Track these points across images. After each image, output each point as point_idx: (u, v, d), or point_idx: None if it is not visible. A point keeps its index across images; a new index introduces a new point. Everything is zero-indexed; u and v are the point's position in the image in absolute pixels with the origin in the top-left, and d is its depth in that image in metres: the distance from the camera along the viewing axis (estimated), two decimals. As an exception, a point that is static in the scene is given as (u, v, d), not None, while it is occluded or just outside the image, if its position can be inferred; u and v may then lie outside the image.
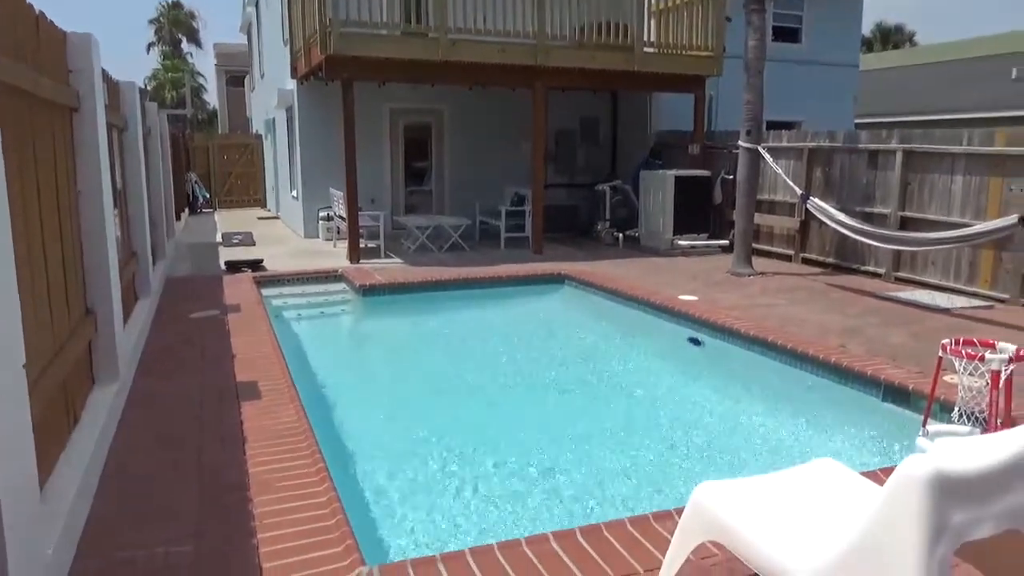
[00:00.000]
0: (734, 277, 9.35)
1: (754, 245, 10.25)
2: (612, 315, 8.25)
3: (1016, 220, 6.81)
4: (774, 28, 15.34)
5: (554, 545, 3.13)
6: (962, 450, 2.31)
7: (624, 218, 12.53)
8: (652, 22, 11.73)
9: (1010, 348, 4.23)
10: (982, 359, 4.19)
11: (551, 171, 13.29)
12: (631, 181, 12.74)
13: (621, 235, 12.18)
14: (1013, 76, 20.78)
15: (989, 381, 4.20)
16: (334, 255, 10.90)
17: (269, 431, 4.22)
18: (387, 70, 10.51)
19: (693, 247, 11.34)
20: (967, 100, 19.98)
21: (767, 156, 9.58)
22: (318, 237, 12.68)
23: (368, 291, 8.62)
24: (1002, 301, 7.94)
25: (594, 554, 3.07)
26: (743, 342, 6.48)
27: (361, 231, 10.65)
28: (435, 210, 13.48)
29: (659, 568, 2.89)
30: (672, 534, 2.88)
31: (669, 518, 3.32)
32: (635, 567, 2.99)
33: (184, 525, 3.24)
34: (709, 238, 11.50)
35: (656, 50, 11.61)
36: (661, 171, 11.79)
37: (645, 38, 11.54)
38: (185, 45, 44.08)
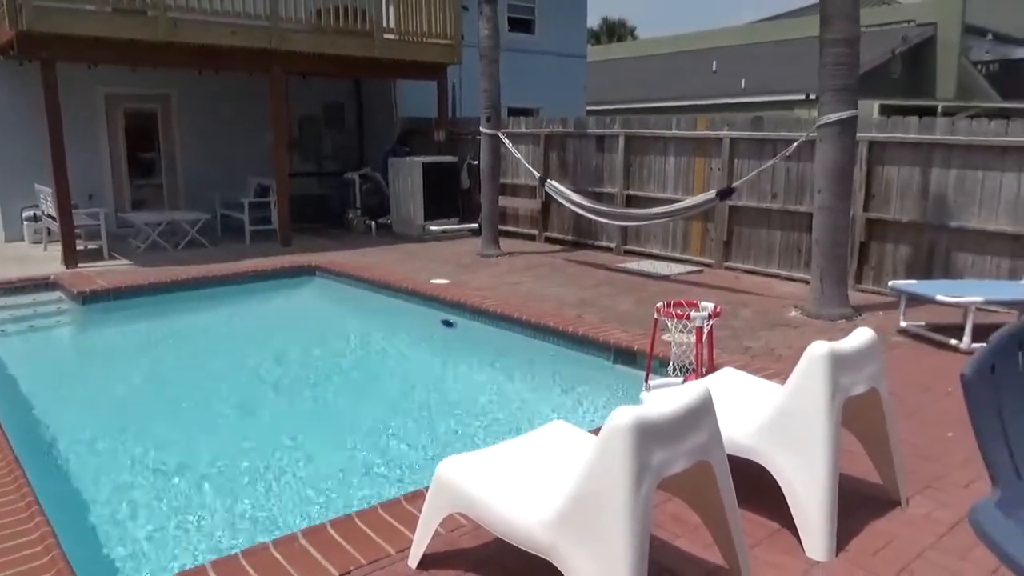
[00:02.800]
0: (483, 259, 9.73)
1: (501, 227, 10.73)
2: (366, 304, 8.19)
3: (715, 195, 7.82)
4: (509, 19, 16.06)
5: (303, 543, 3.05)
6: (659, 399, 2.63)
7: (376, 206, 12.46)
8: (391, 8, 11.72)
9: (709, 306, 4.86)
10: (688, 317, 4.77)
11: (296, 159, 12.81)
12: (381, 168, 12.68)
13: (374, 223, 12.10)
14: (713, 69, 23.73)
15: (694, 336, 4.81)
16: (45, 260, 9.58)
17: (-39, 468, 3.63)
18: (97, 51, 9.40)
19: (445, 232, 11.60)
20: (679, 89, 22.49)
21: (507, 142, 10.05)
22: (24, 240, 11.07)
23: (89, 298, 7.69)
24: (709, 266, 9.11)
25: (345, 544, 3.04)
26: (492, 320, 6.77)
27: (78, 231, 9.48)
28: (168, 205, 12.37)
29: (411, 547, 2.94)
30: (423, 513, 2.94)
31: (421, 497, 3.38)
32: (387, 550, 3.01)
33: None
34: (459, 222, 11.83)
35: (397, 37, 11.63)
36: (409, 158, 11.88)
37: (385, 24, 11.51)
38: None
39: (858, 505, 3.30)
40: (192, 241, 10.52)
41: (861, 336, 3.23)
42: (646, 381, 4.97)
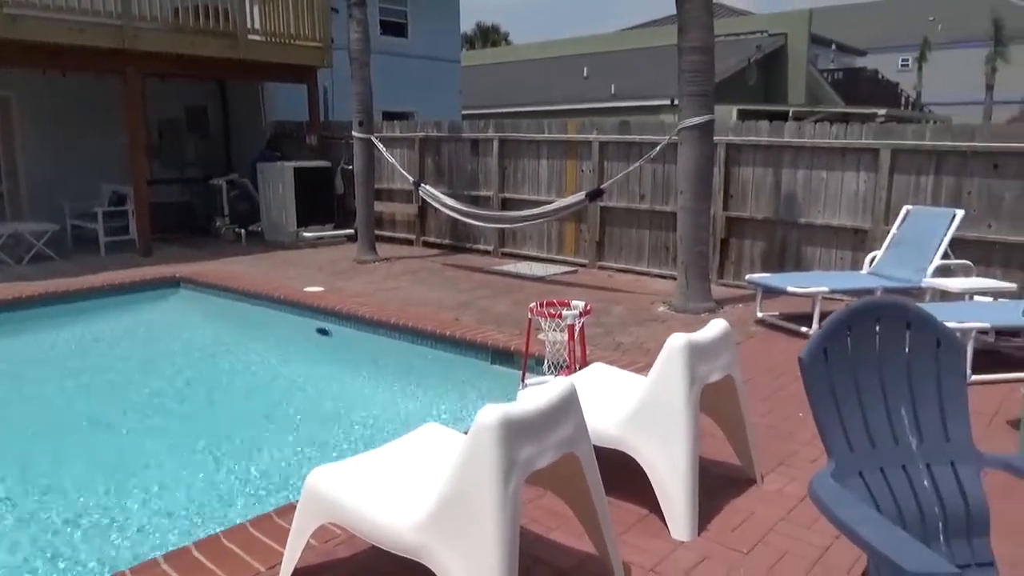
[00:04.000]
0: (360, 265, 9.57)
1: (378, 232, 10.60)
2: (236, 315, 7.86)
3: (584, 196, 8.05)
4: (381, 22, 15.90)
5: (165, 567, 2.89)
6: (526, 396, 2.68)
7: (245, 213, 11.98)
8: (255, 9, 11.32)
9: (580, 304, 5.00)
10: (560, 316, 4.88)
11: (157, 166, 12.13)
12: (250, 174, 12.21)
13: (243, 231, 11.63)
14: (585, 74, 24.41)
15: (567, 334, 4.93)
16: None
17: None
18: (-81, 47, 8.55)
19: (320, 238, 11.32)
20: (551, 94, 22.98)
21: (380, 146, 9.93)
22: None
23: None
24: (584, 265, 9.37)
25: (211, 565, 2.91)
26: (369, 326, 6.67)
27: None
28: (10, 215, 11.36)
29: (281, 563, 2.85)
30: (294, 526, 2.85)
31: (294, 510, 3.28)
32: (256, 567, 2.90)
33: None
34: (335, 228, 11.58)
35: (263, 38, 11.24)
36: (279, 163, 11.51)
37: (250, 25, 11.10)
38: None
39: (719, 486, 3.49)
40: (39, 255, 9.73)
41: (716, 327, 3.43)
42: (522, 380, 5.05)
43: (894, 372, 2.43)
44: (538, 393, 2.58)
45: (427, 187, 9.45)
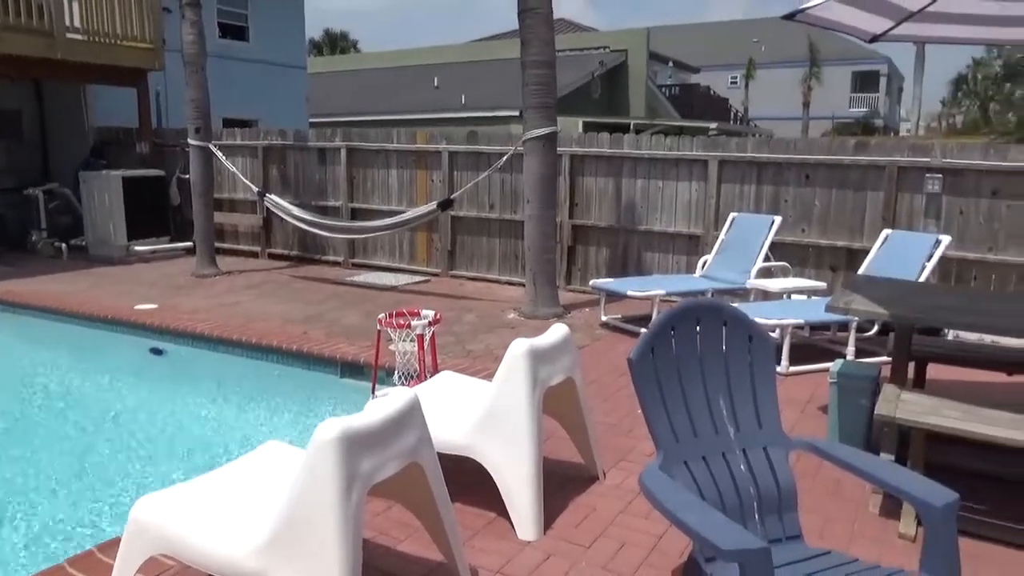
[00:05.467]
0: (199, 279, 9.07)
1: (219, 244, 10.10)
2: (57, 337, 7.19)
3: (435, 206, 8.07)
4: (220, 24, 15.20)
5: (-35, 621, 2.60)
6: (369, 408, 2.65)
7: (67, 226, 11.01)
8: (76, 5, 10.46)
9: (430, 314, 5.00)
10: (410, 326, 4.87)
11: (-40, 175, 10.92)
12: (72, 183, 11.24)
13: (64, 245, 10.68)
14: (435, 84, 24.50)
15: (417, 344, 4.91)
16: None
17: None
18: None
19: (154, 252, 10.62)
20: (402, 103, 22.87)
21: (219, 154, 9.47)
22: None
23: None
24: (436, 275, 9.39)
25: (22, 614, 2.64)
26: (209, 344, 6.33)
27: None
28: None
29: (104, 602, 2.64)
30: (118, 562, 2.65)
31: (118, 545, 3.05)
32: (75, 611, 2.67)
33: None
34: (171, 241, 10.90)
35: (84, 37, 10.41)
36: (106, 172, 10.68)
37: (69, 23, 10.25)
38: None
39: (563, 484, 3.60)
40: None
41: (556, 332, 3.54)
42: (373, 392, 4.99)
43: (713, 367, 2.62)
44: (380, 404, 2.56)
45: (272, 197, 9.11)
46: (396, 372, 5.02)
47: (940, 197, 6.91)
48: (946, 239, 6.01)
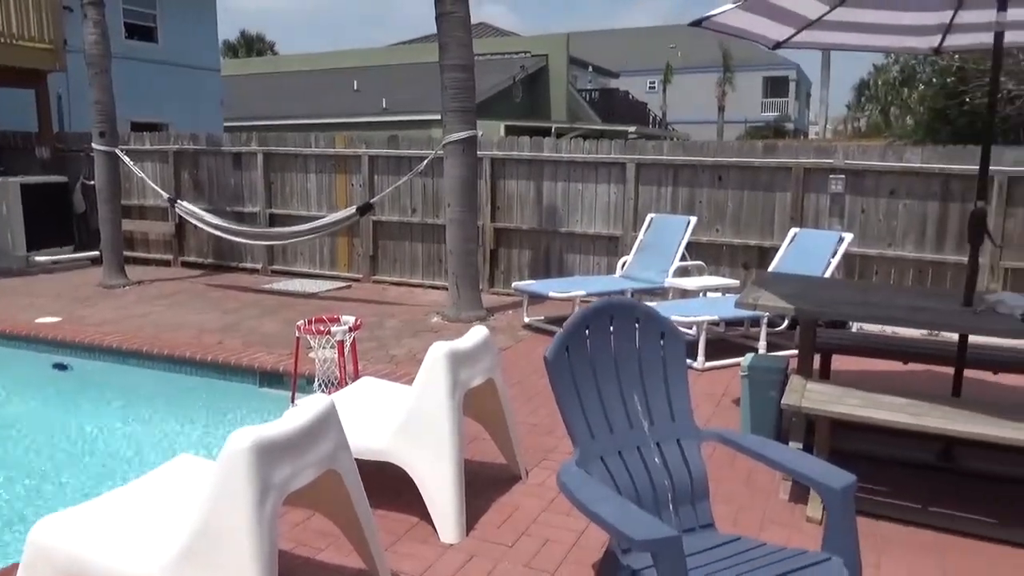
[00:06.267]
0: (106, 290, 8.67)
1: (129, 253, 9.69)
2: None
3: (354, 210, 7.96)
4: (127, 24, 14.63)
5: None
6: (286, 415, 2.60)
7: (-39, 236, 10.37)
8: (-35, 2, 9.89)
9: (350, 320, 4.94)
10: (329, 333, 4.79)
11: None
12: (-35, 191, 10.58)
13: (-42, 257, 10.07)
14: (355, 87, 24.20)
15: (337, 350, 4.84)
16: None
17: None
18: None
19: (56, 263, 10.10)
20: (321, 106, 22.48)
21: (126, 159, 9.09)
22: None
23: None
24: (358, 280, 9.27)
25: (-92, 649, 2.48)
26: (117, 357, 6.07)
27: None
28: None
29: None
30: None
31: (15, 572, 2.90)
32: (-31, 643, 2.52)
33: None
34: (75, 250, 10.40)
35: (-25, 36, 9.85)
36: (2, 179, 10.10)
37: (-42, 20, 9.67)
38: None
39: (486, 485, 3.62)
40: None
41: (476, 335, 3.56)
42: (292, 401, 4.88)
43: (628, 364, 2.68)
44: (294, 412, 2.51)
45: (184, 204, 8.81)
46: (316, 380, 4.93)
47: (843, 197, 7.26)
48: (848, 236, 6.32)
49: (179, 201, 8.87)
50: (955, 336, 4.00)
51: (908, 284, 7.03)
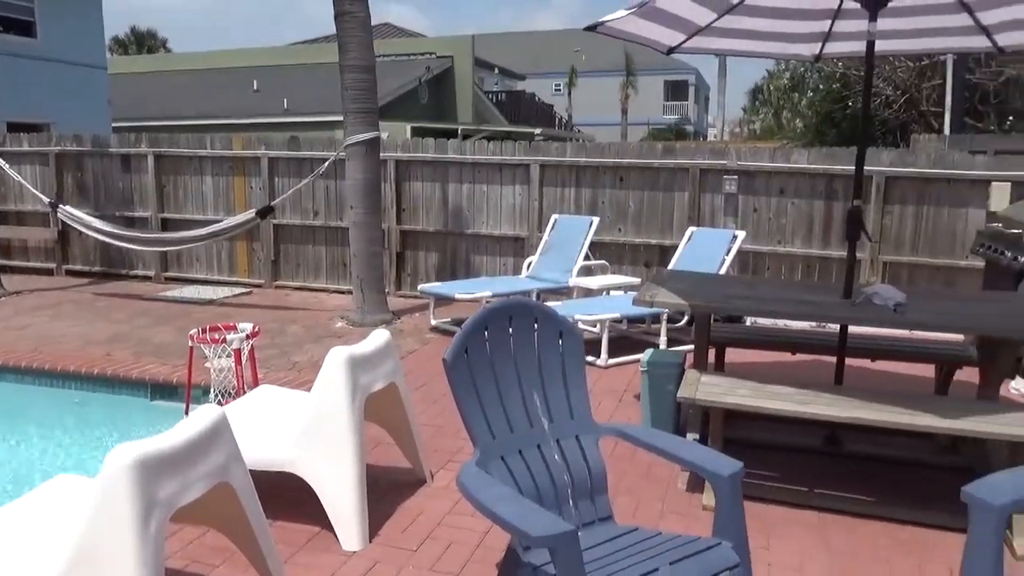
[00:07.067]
0: (-20, 302, 8.09)
1: (5, 262, 9.08)
2: None
3: (253, 214, 7.71)
4: (4, 19, 13.71)
5: None
6: (172, 430, 2.48)
7: None
8: None
9: (248, 327, 4.77)
10: (225, 341, 4.62)
11: None
12: None
13: None
14: (255, 87, 23.44)
15: (234, 359, 4.67)
16: None
17: None
18: None
19: (-75, 273, 9.33)
20: (218, 106, 21.66)
21: (1, 162, 8.50)
22: None
23: None
24: (259, 286, 8.98)
25: None
26: (-8, 372, 5.66)
27: None
28: None
29: None
30: None
31: None
32: None
33: None
34: (-54, 260, 9.65)
35: None
36: None
37: None
38: None
39: (390, 490, 3.57)
40: None
41: (377, 338, 3.51)
42: (186, 413, 4.68)
43: (527, 363, 2.70)
44: (182, 425, 2.41)
45: (68, 208, 8.30)
46: (212, 390, 4.75)
47: (737, 197, 7.57)
48: (741, 234, 6.60)
49: (61, 206, 8.35)
50: (838, 327, 4.24)
51: (797, 279, 7.40)
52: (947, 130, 12.41)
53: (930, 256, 7.13)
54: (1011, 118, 13.05)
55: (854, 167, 4.06)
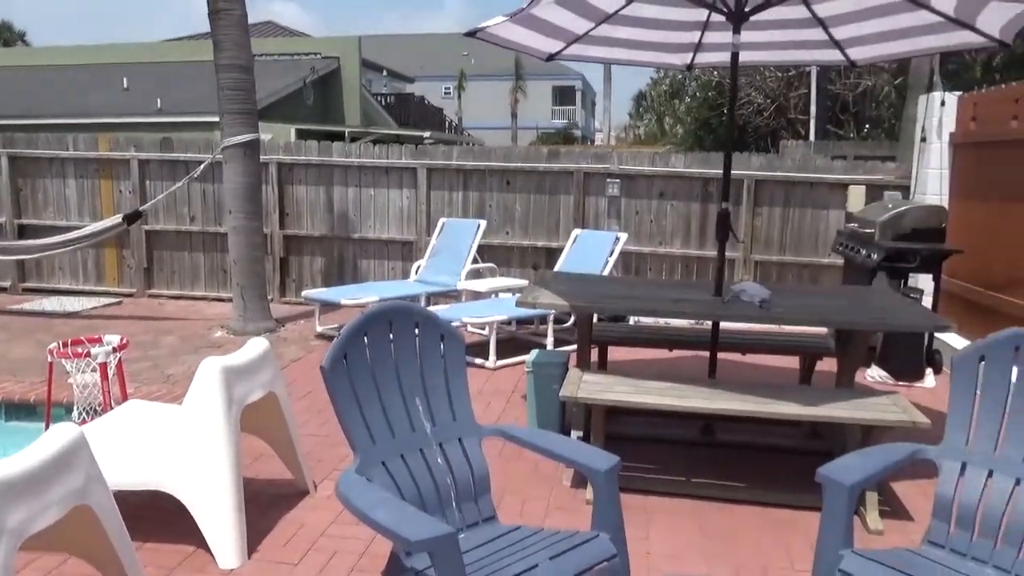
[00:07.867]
0: None
1: None
2: None
3: (121, 219, 7.27)
4: None
5: None
6: (22, 452, 2.31)
7: None
8: None
9: (115, 339, 4.49)
10: (89, 355, 4.33)
11: None
12: None
13: None
14: (125, 85, 22.14)
15: (100, 373, 4.39)
16: None
17: None
18: None
19: None
20: (83, 105, 20.30)
21: None
22: None
23: None
24: (131, 295, 8.49)
25: None
26: None
27: None
28: None
29: None
30: None
31: None
32: None
33: None
34: None
35: None
36: None
37: None
38: None
39: (271, 503, 3.46)
40: None
41: (255, 347, 3.39)
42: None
43: (408, 367, 2.68)
44: (32, 447, 2.24)
45: (-94, 214, 7.56)
46: (75, 408, 4.44)
47: (619, 199, 7.81)
48: (624, 236, 6.81)
49: (-101, 212, 7.60)
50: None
51: (677, 278, 7.72)
52: (812, 137, 13.30)
53: (797, 255, 7.60)
54: (867, 126, 14.11)
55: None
